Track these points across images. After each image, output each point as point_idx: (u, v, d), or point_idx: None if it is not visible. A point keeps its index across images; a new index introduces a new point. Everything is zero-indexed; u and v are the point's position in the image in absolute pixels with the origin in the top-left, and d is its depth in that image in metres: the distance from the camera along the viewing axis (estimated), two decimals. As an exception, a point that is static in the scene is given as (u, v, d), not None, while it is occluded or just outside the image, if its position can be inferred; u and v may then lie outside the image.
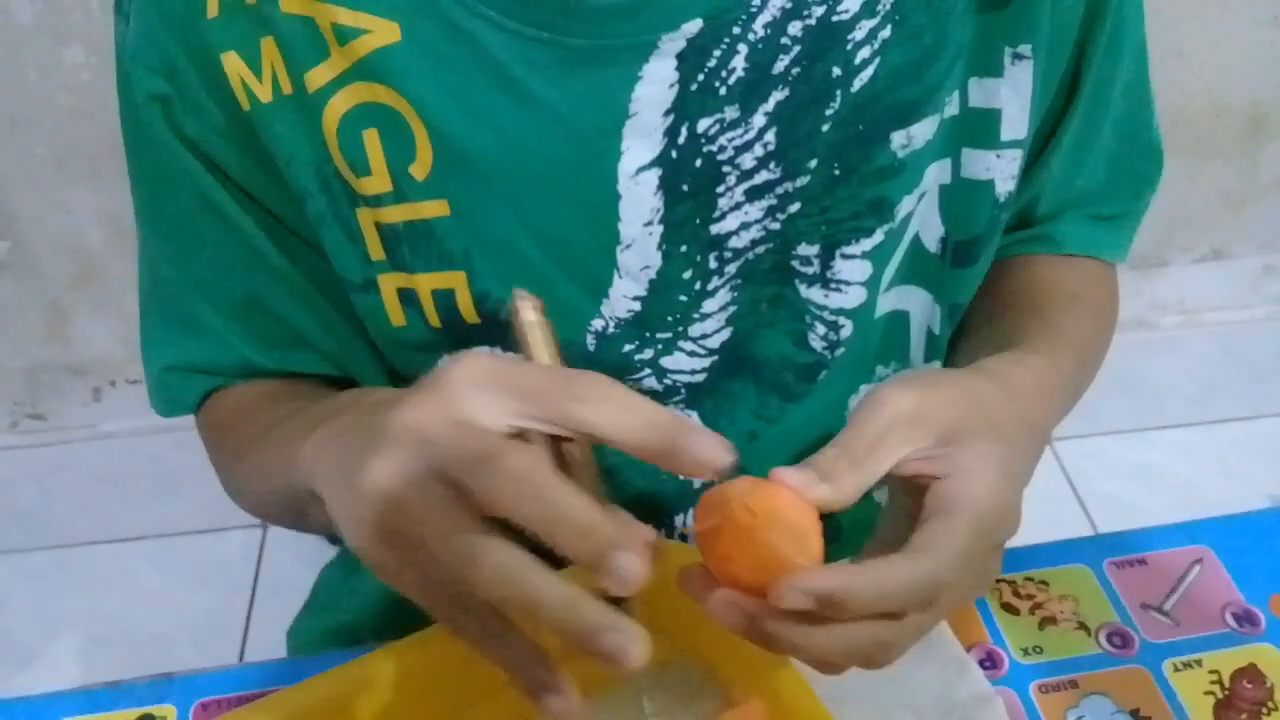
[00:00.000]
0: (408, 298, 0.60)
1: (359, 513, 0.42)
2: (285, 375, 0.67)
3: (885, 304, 0.65)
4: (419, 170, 0.57)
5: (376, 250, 0.60)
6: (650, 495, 0.68)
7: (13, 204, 1.32)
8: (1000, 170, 0.62)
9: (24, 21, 1.20)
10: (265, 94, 0.56)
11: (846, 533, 0.72)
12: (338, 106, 0.56)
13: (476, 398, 0.40)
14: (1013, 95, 0.60)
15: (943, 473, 0.46)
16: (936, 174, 0.62)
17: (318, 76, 0.56)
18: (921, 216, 0.63)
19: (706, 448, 0.40)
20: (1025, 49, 0.59)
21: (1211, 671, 0.59)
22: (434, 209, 0.57)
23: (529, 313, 0.45)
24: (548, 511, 0.39)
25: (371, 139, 0.56)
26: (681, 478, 0.67)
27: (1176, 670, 0.59)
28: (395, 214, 0.58)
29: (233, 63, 0.56)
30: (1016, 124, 0.61)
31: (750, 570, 0.43)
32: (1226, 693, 0.57)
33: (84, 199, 1.32)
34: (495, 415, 0.40)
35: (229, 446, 0.67)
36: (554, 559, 0.40)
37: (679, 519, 0.70)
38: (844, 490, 0.45)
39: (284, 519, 0.63)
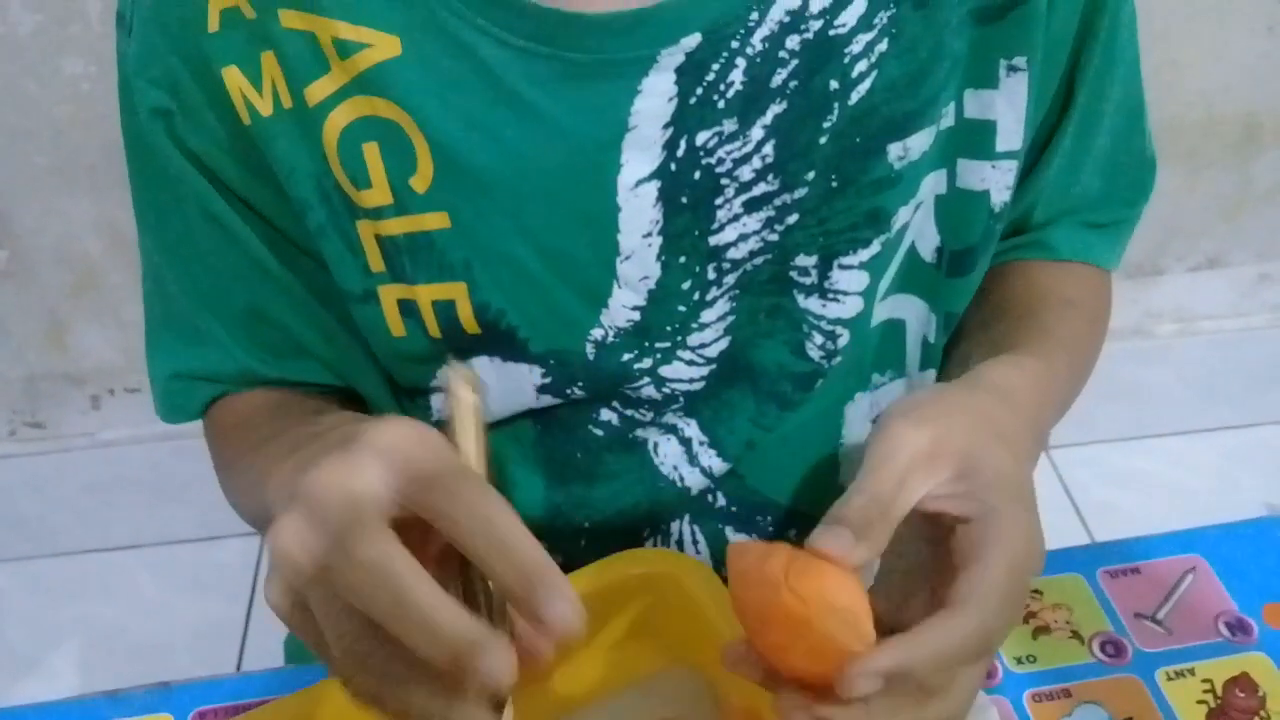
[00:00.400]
0: (408, 309, 0.61)
1: (272, 564, 0.42)
2: (288, 384, 0.68)
3: (881, 313, 0.65)
4: (419, 183, 0.57)
5: (376, 262, 0.60)
6: (648, 504, 0.69)
7: (12, 213, 1.33)
8: (995, 181, 0.62)
9: (23, 32, 1.21)
10: (266, 108, 0.57)
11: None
12: (338, 120, 0.56)
13: (371, 467, 0.40)
14: (1008, 107, 0.60)
15: (970, 514, 0.46)
16: (932, 184, 0.62)
17: (318, 90, 0.56)
18: (917, 226, 0.63)
19: (559, 613, 0.38)
20: (1020, 61, 0.59)
21: (1204, 680, 0.59)
22: (435, 221, 0.57)
23: (464, 393, 0.44)
24: (394, 609, 0.38)
25: (372, 152, 0.57)
26: (679, 485, 0.67)
27: (1169, 679, 0.59)
28: (396, 226, 0.58)
29: (233, 77, 0.56)
30: (1011, 135, 0.61)
31: (807, 659, 0.42)
32: (1219, 702, 0.57)
33: (83, 208, 1.32)
34: (380, 491, 0.40)
35: (226, 456, 0.68)
36: None
37: (675, 525, 0.70)
38: (878, 543, 0.45)
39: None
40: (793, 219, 0.59)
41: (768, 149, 0.57)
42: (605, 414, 0.65)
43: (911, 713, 0.45)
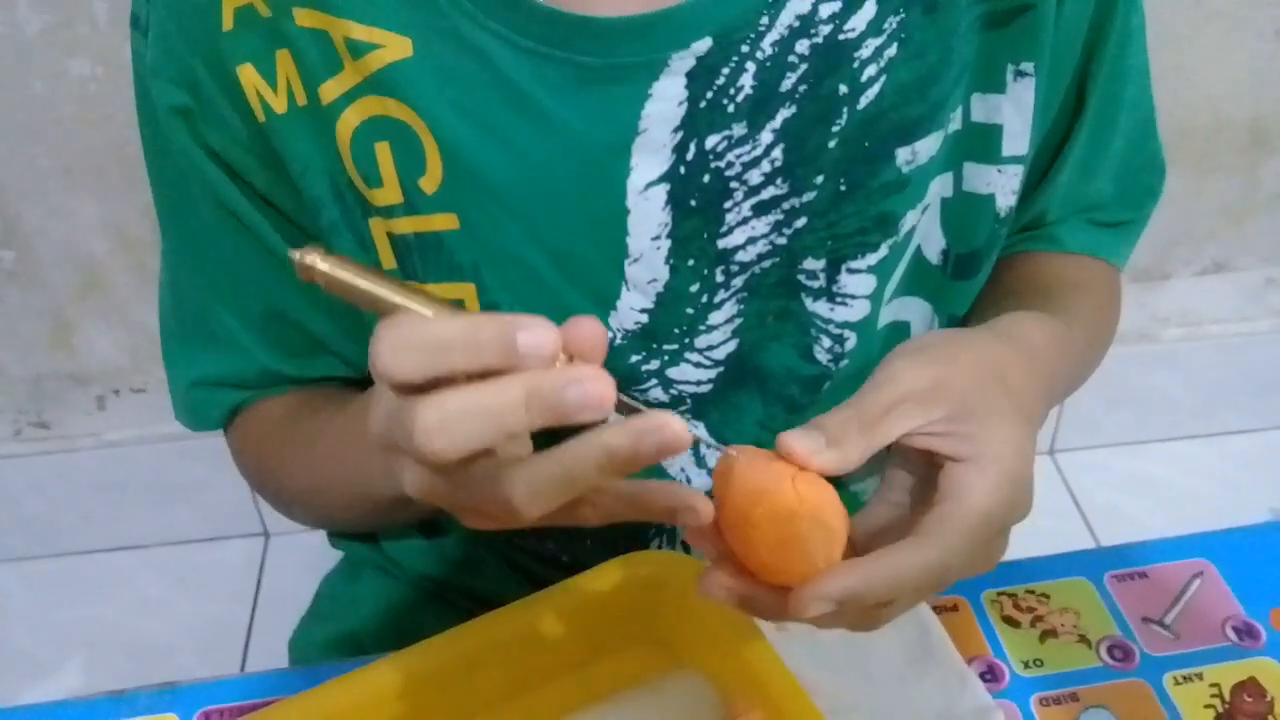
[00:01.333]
0: None
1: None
2: (308, 381, 0.68)
3: (886, 315, 0.65)
4: (429, 184, 0.57)
5: (389, 260, 0.60)
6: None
7: (19, 214, 1.33)
8: (1001, 185, 0.62)
9: (31, 33, 1.21)
10: (280, 105, 0.57)
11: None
12: (350, 119, 0.56)
13: (380, 378, 0.40)
14: (1014, 111, 0.60)
15: (960, 455, 0.46)
16: (939, 188, 0.62)
17: (331, 89, 0.56)
18: (924, 229, 0.63)
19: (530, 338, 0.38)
20: (1028, 66, 0.59)
21: (1212, 685, 0.59)
22: (443, 222, 0.58)
23: (318, 262, 0.41)
24: (479, 421, 0.38)
25: (383, 152, 0.57)
26: (673, 473, 0.67)
27: (1177, 683, 0.59)
28: (406, 225, 0.58)
29: (248, 75, 0.56)
30: (1018, 140, 0.61)
31: (771, 548, 0.43)
32: (1227, 706, 0.57)
33: (89, 209, 1.33)
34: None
35: (273, 461, 0.68)
36: None
37: (680, 526, 0.70)
38: (850, 456, 0.45)
39: (364, 522, 0.65)
40: (801, 223, 0.59)
41: (777, 153, 0.57)
42: (612, 415, 0.65)
43: (848, 622, 0.45)
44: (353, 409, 0.61)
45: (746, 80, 0.55)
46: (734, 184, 0.57)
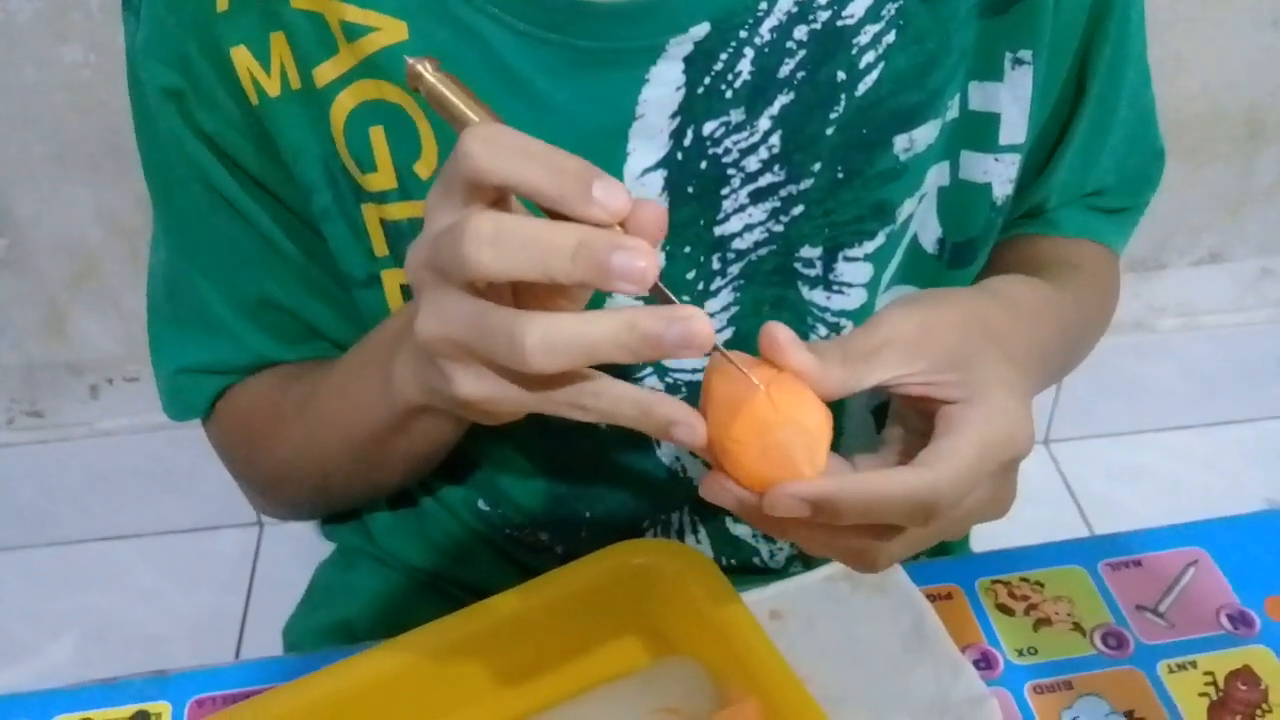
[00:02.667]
0: (411, 295, 0.61)
1: (430, 354, 0.44)
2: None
3: (883, 304, 0.65)
4: (424, 168, 0.57)
5: (381, 246, 0.60)
6: (650, 495, 0.68)
7: (11, 202, 1.33)
8: (998, 174, 0.62)
9: (23, 19, 1.21)
10: (274, 88, 0.57)
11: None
12: (345, 103, 0.56)
13: (434, 206, 0.43)
14: (1012, 100, 0.60)
15: (953, 398, 0.46)
16: (936, 176, 0.62)
17: (326, 72, 0.56)
18: (920, 218, 0.63)
19: (610, 195, 0.40)
20: (1026, 54, 0.59)
21: (1206, 673, 0.59)
22: None
23: (427, 71, 0.44)
24: (528, 250, 0.39)
25: (377, 136, 0.57)
26: (682, 477, 0.67)
27: (1171, 672, 0.59)
28: (400, 211, 0.58)
29: (242, 57, 0.56)
30: (1015, 128, 0.61)
31: (754, 461, 0.43)
32: (1221, 694, 0.57)
33: (82, 197, 1.32)
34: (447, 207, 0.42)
35: (265, 426, 0.67)
36: None
37: (675, 516, 0.70)
38: (828, 376, 0.44)
39: (358, 469, 0.63)
40: (798, 210, 0.59)
41: (774, 139, 0.57)
42: None
43: (823, 543, 0.45)
44: (360, 345, 0.60)
45: (744, 66, 0.55)
46: (731, 171, 0.57)
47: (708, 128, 0.56)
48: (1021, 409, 0.47)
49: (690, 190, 0.57)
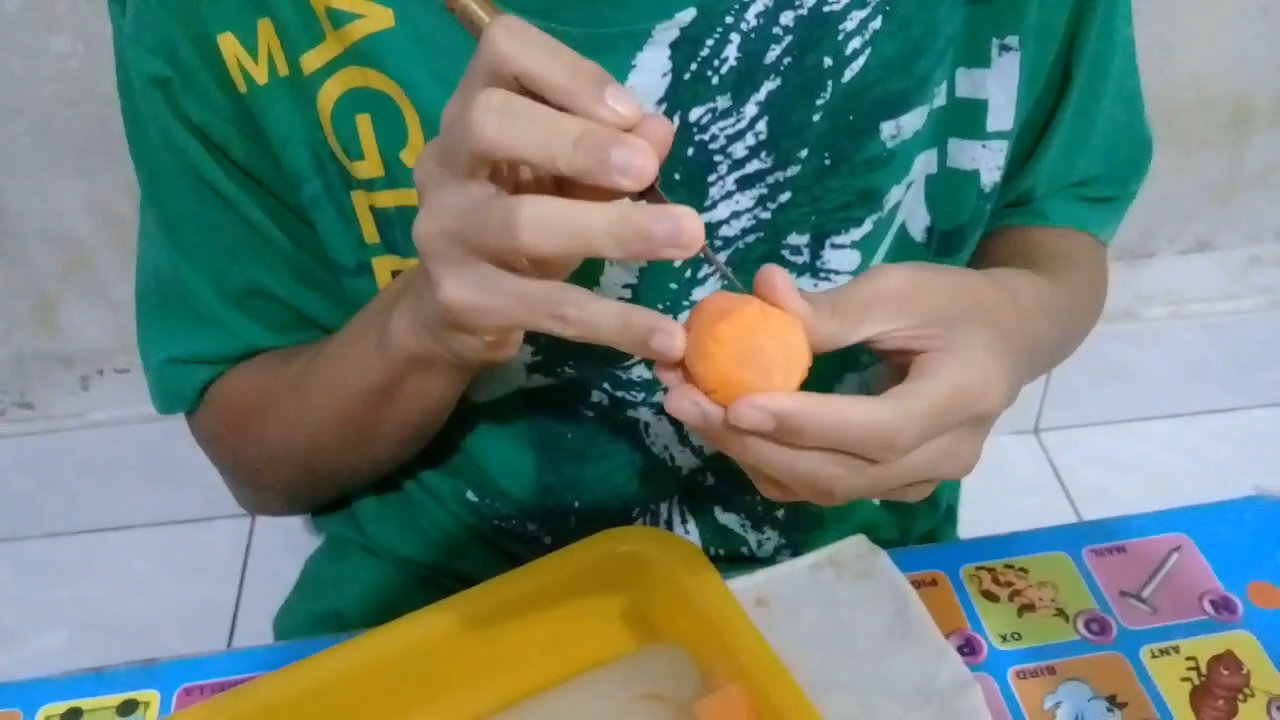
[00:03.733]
0: None
1: (423, 255, 0.44)
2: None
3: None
4: (410, 156, 0.57)
5: (371, 233, 0.60)
6: (638, 484, 0.69)
7: (0, 193, 1.32)
8: (985, 161, 0.62)
9: (11, 10, 1.20)
10: (261, 76, 0.57)
11: (828, 519, 0.72)
12: (332, 90, 0.56)
13: (451, 110, 0.43)
14: (999, 86, 0.60)
15: (934, 348, 0.46)
16: (924, 164, 0.62)
17: (312, 60, 0.56)
18: (908, 206, 0.63)
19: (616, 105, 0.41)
20: (1012, 40, 0.59)
21: (1189, 658, 0.59)
22: None
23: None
24: (533, 127, 0.40)
25: (364, 124, 0.56)
26: (670, 465, 0.67)
27: (1154, 657, 0.59)
28: (388, 199, 0.58)
29: (229, 44, 0.56)
30: (1002, 115, 0.61)
31: (732, 360, 0.43)
32: (1203, 679, 0.58)
33: (72, 188, 1.32)
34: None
35: (255, 407, 0.67)
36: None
37: (663, 505, 0.70)
38: (820, 326, 0.45)
39: (350, 439, 0.63)
40: (785, 197, 0.59)
41: (761, 126, 0.57)
42: (596, 395, 0.65)
43: (781, 465, 0.45)
44: (358, 315, 0.60)
45: (730, 52, 0.55)
46: (718, 157, 0.57)
47: (694, 114, 0.56)
48: (997, 368, 0.47)
49: (677, 177, 0.57)
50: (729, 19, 0.55)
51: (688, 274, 0.60)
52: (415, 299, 0.51)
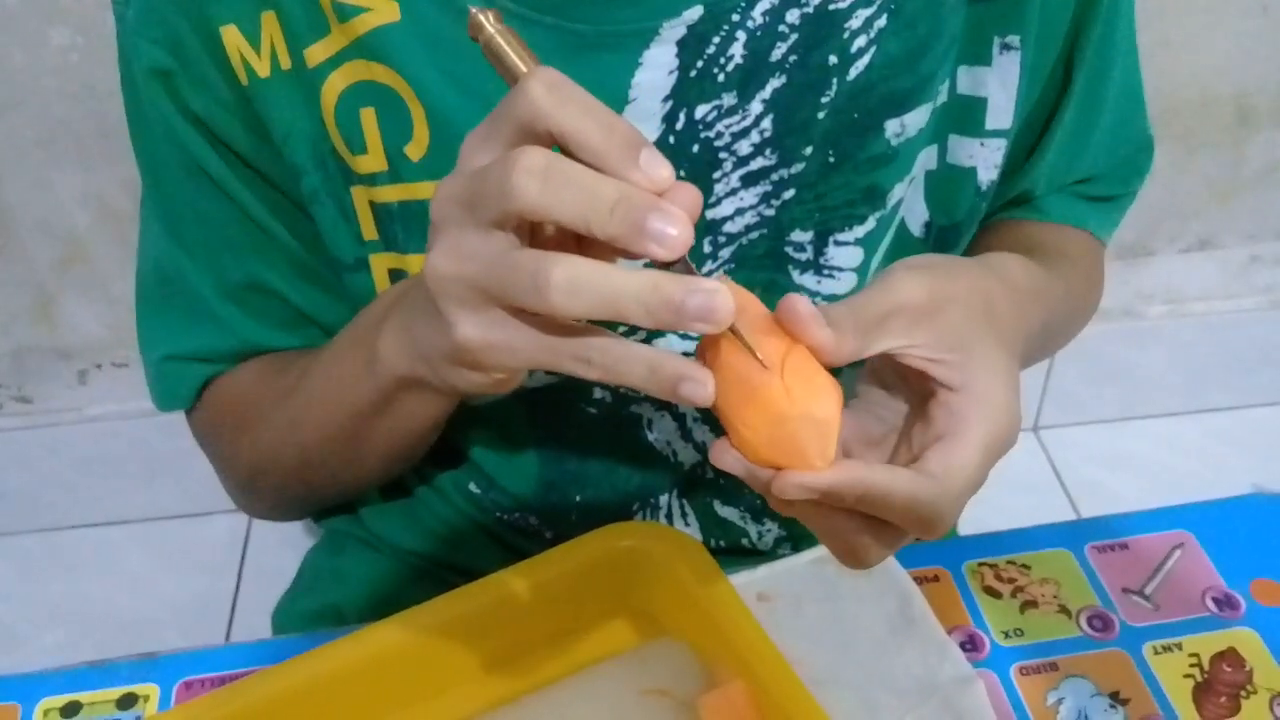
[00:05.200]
0: (399, 278, 0.60)
1: (435, 295, 0.43)
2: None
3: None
4: (415, 150, 0.57)
5: (370, 230, 0.60)
6: (640, 479, 0.69)
7: (-1, 186, 1.32)
8: (983, 158, 0.62)
9: (10, 2, 1.20)
10: (263, 69, 0.56)
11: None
12: (336, 84, 0.56)
13: (474, 147, 0.42)
14: (999, 85, 0.60)
15: (952, 382, 0.45)
16: (923, 160, 0.62)
17: (317, 53, 0.56)
18: (907, 202, 0.63)
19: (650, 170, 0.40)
20: (1014, 39, 0.59)
21: (1191, 655, 0.59)
22: (429, 190, 0.57)
23: (488, 23, 0.43)
24: (573, 192, 0.39)
25: (368, 118, 0.56)
26: (672, 461, 0.67)
27: (1156, 653, 0.59)
28: (390, 194, 0.58)
29: (232, 36, 0.56)
30: (1002, 113, 0.61)
31: (765, 446, 0.42)
32: (1206, 676, 0.58)
33: (71, 181, 1.31)
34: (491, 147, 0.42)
35: (251, 412, 0.66)
36: None
37: (664, 499, 0.70)
38: (843, 346, 0.44)
39: (340, 453, 0.62)
40: (790, 194, 0.59)
41: (766, 123, 0.57)
42: (599, 391, 0.65)
43: (821, 524, 0.44)
44: (349, 327, 0.60)
45: (737, 50, 0.55)
46: (723, 154, 0.57)
47: (700, 111, 0.56)
48: (1016, 402, 0.47)
49: (682, 174, 0.57)
50: (735, 16, 0.55)
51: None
52: (409, 326, 0.49)
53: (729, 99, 0.56)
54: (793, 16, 0.55)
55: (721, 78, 0.56)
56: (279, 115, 0.57)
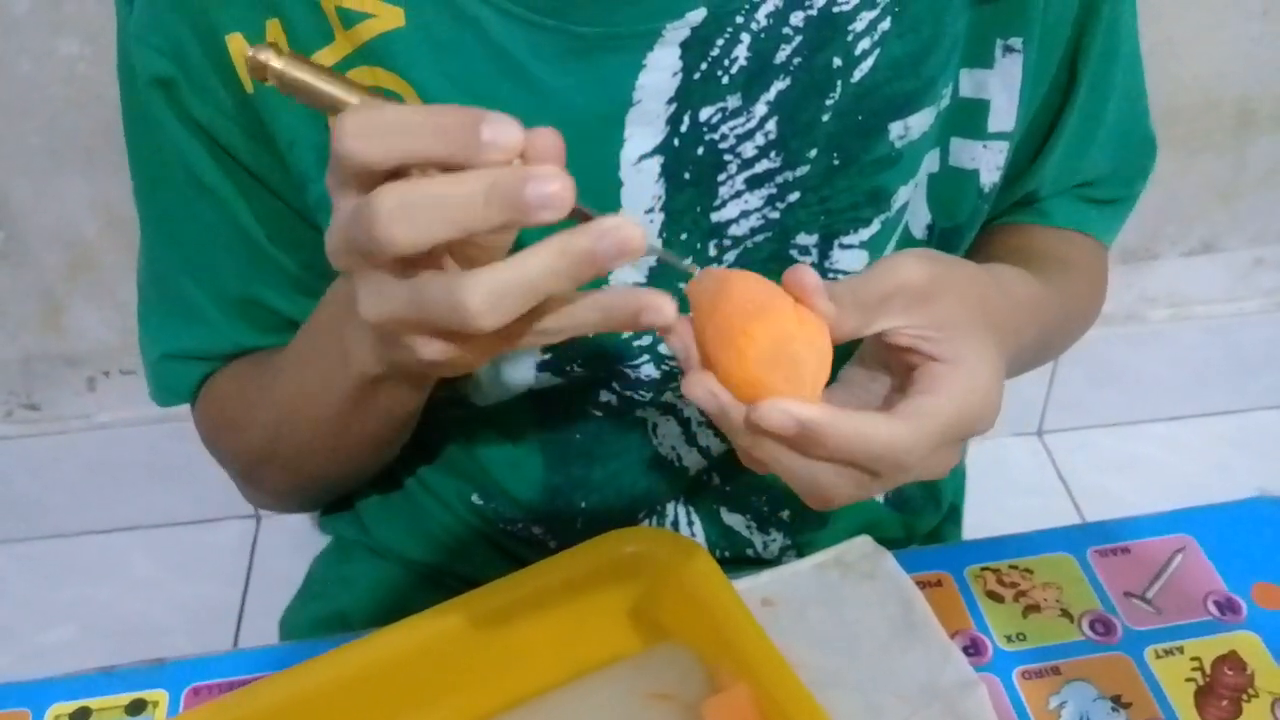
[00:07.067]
0: None
1: (381, 336, 0.44)
2: None
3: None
4: None
5: None
6: (645, 485, 0.69)
7: (7, 194, 1.32)
8: (985, 161, 0.62)
9: (19, 12, 1.20)
10: None
11: (832, 520, 0.73)
12: None
13: (334, 193, 0.42)
14: (1002, 87, 0.60)
15: (942, 356, 0.46)
16: (927, 163, 0.62)
17: (322, 60, 0.56)
18: (911, 204, 0.63)
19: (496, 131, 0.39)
20: (1016, 42, 0.59)
21: (1193, 659, 0.59)
22: None
23: (272, 59, 0.42)
24: (439, 211, 0.38)
25: None
26: (677, 466, 0.67)
27: (1158, 657, 0.59)
28: None
29: (237, 44, 0.56)
30: (1004, 116, 0.61)
31: (762, 361, 0.43)
32: (1208, 679, 0.58)
33: (79, 189, 1.32)
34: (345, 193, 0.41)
35: (238, 411, 0.67)
36: None
37: (670, 506, 0.71)
38: (843, 321, 0.45)
39: (326, 449, 0.63)
40: (794, 197, 0.59)
41: (770, 126, 0.57)
42: (604, 395, 0.65)
43: (788, 468, 0.45)
44: (307, 326, 0.60)
45: (741, 52, 0.55)
46: (728, 157, 0.57)
47: (704, 113, 0.56)
48: (997, 390, 0.48)
49: (687, 176, 0.57)
50: (739, 19, 0.55)
51: (696, 273, 0.60)
52: (372, 339, 0.49)
53: (733, 101, 0.56)
54: (797, 19, 0.55)
55: (726, 80, 0.56)
56: (284, 123, 0.58)
